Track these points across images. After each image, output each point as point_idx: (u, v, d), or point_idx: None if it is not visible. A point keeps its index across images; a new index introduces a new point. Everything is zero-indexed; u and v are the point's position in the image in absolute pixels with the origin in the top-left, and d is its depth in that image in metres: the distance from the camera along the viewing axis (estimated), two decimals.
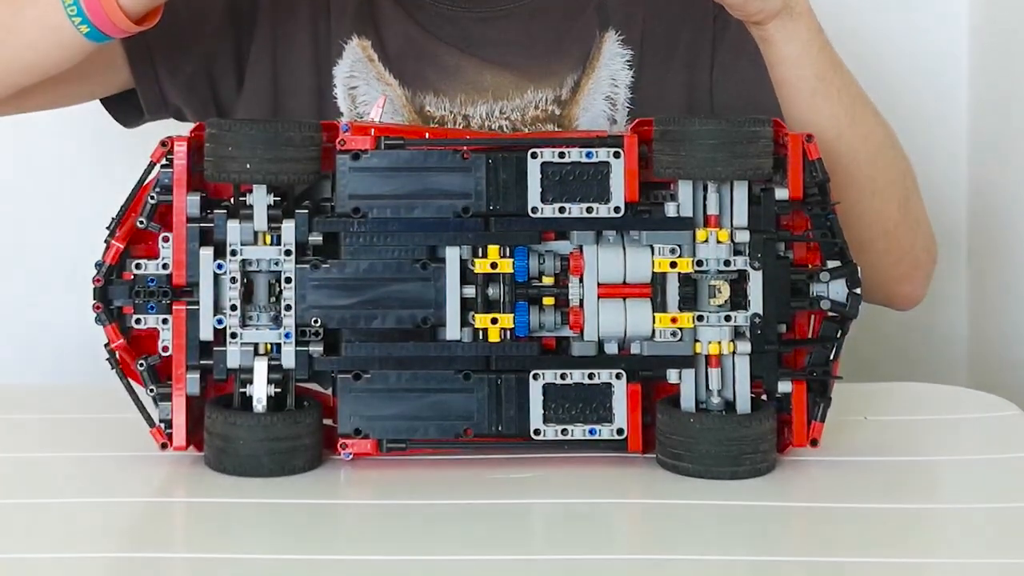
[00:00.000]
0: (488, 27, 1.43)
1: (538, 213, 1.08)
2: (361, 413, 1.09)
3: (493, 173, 1.09)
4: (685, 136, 1.06)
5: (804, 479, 1.08)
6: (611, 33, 1.42)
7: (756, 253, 1.08)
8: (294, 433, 1.07)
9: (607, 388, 1.09)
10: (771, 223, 1.09)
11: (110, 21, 1.20)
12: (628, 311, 1.08)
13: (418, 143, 1.10)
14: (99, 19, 1.20)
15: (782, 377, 1.09)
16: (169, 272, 1.09)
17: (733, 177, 1.07)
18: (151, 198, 1.09)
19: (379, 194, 1.08)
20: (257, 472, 1.06)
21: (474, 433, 1.09)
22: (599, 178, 1.08)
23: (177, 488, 1.07)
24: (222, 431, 1.07)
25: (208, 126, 1.08)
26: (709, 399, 1.09)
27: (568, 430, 1.09)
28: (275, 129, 1.06)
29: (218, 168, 1.07)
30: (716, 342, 1.08)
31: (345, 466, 1.10)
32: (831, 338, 1.10)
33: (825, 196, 1.09)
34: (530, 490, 1.06)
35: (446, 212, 1.09)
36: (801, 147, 1.09)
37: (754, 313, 1.09)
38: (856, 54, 1.66)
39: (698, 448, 1.06)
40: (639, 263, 1.08)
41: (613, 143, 1.09)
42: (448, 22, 1.43)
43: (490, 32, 1.42)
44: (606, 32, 1.43)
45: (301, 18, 1.42)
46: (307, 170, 1.07)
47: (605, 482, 1.07)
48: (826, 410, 1.09)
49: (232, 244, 1.08)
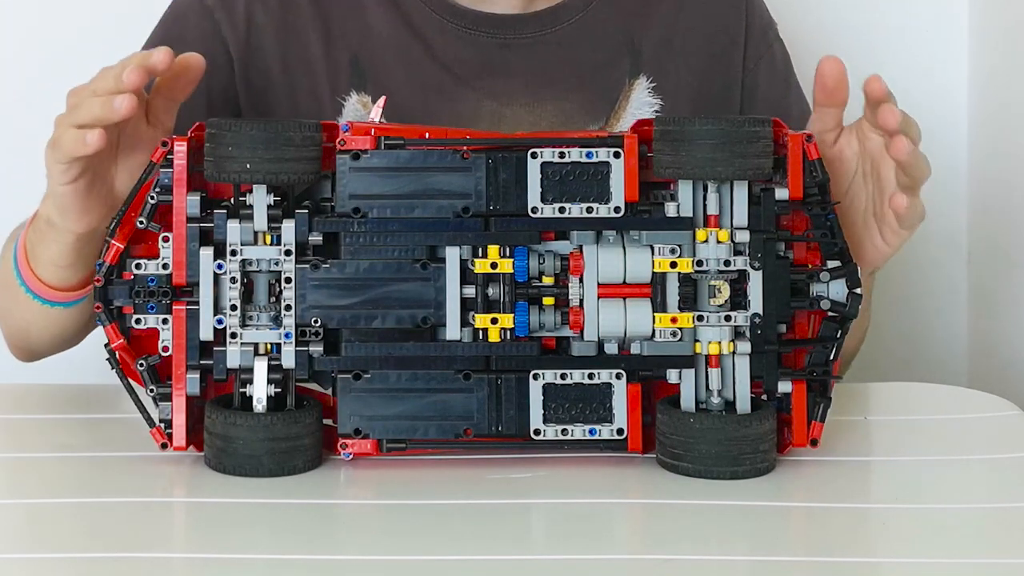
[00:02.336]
0: (511, 54, 1.39)
1: (538, 213, 1.08)
2: (361, 413, 1.09)
3: (493, 173, 1.08)
4: (685, 136, 1.06)
5: (804, 479, 1.08)
6: (642, 80, 1.40)
7: (756, 253, 1.08)
8: (294, 433, 1.07)
9: (607, 388, 1.09)
10: (771, 223, 1.08)
11: (51, 292, 1.23)
12: (628, 311, 1.08)
13: (418, 143, 1.10)
14: (44, 293, 1.24)
15: (782, 377, 1.09)
16: (169, 272, 1.09)
17: (733, 177, 1.06)
18: (151, 198, 1.09)
19: (379, 194, 1.08)
20: (257, 472, 1.06)
21: (474, 433, 1.09)
22: (599, 178, 1.08)
23: (177, 488, 1.07)
24: (222, 431, 1.07)
25: (208, 126, 1.08)
26: (709, 399, 1.09)
27: (568, 430, 1.09)
28: (275, 129, 1.06)
29: (218, 168, 1.07)
30: (716, 342, 1.08)
31: (345, 466, 1.09)
32: (831, 338, 1.09)
33: (825, 196, 1.09)
34: (530, 490, 1.05)
35: (446, 212, 1.08)
36: (801, 147, 1.08)
37: (754, 313, 1.08)
38: (857, 54, 1.67)
39: (698, 448, 1.06)
40: (639, 263, 1.08)
41: (613, 143, 1.09)
42: (469, 46, 1.39)
43: (513, 60, 1.39)
44: (636, 79, 1.40)
45: (283, 107, 1.39)
46: (307, 170, 1.07)
47: (605, 482, 1.07)
48: (826, 410, 1.09)
49: (232, 244, 1.08)
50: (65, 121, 1.12)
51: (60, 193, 1.15)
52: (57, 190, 1.15)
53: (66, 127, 1.11)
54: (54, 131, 1.13)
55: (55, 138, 1.13)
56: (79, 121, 1.10)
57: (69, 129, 1.11)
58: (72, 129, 1.10)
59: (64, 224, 1.17)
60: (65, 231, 1.18)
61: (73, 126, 1.11)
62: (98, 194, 1.16)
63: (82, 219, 1.16)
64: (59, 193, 1.15)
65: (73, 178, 1.13)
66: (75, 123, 1.10)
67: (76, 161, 1.12)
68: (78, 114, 1.11)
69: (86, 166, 1.13)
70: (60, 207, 1.16)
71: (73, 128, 1.10)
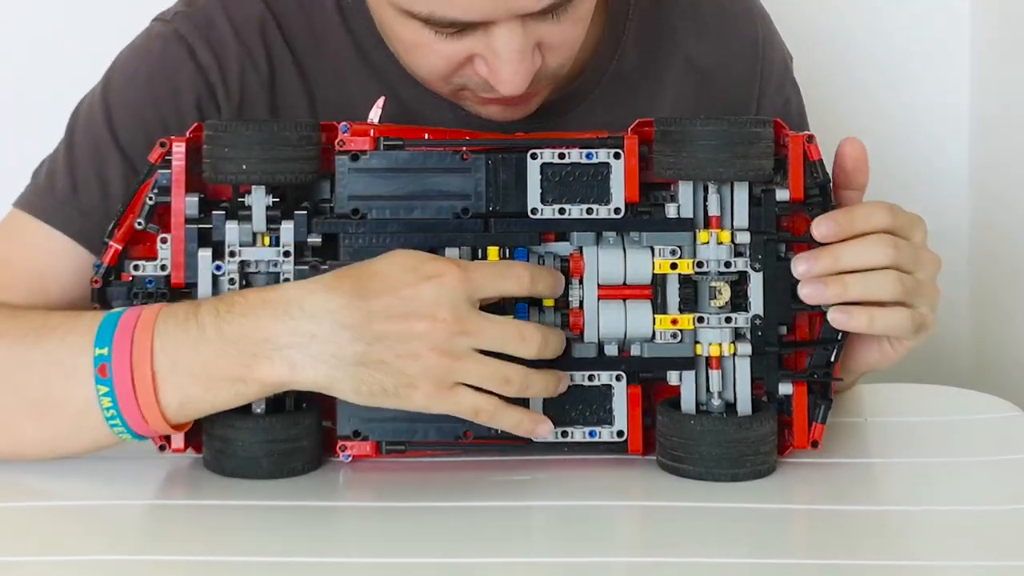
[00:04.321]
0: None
1: (538, 214, 1.08)
2: (360, 415, 1.08)
3: (493, 174, 1.08)
4: (686, 137, 1.05)
5: (805, 481, 1.07)
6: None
7: (757, 254, 1.07)
8: (293, 435, 1.06)
9: (607, 390, 1.08)
10: (772, 224, 1.08)
11: (150, 430, 1.04)
12: (628, 312, 1.08)
13: (417, 144, 1.09)
14: (141, 428, 1.04)
15: (783, 379, 1.09)
16: (167, 273, 1.08)
17: (734, 178, 1.06)
18: (149, 199, 1.08)
19: (378, 195, 1.08)
20: (256, 474, 1.06)
21: (474, 435, 1.08)
22: (599, 179, 1.08)
23: (176, 490, 1.07)
24: (221, 433, 1.06)
25: (205, 127, 1.07)
26: (709, 401, 1.08)
27: (568, 432, 1.08)
28: (271, 129, 1.06)
29: (216, 169, 1.06)
30: (717, 343, 1.08)
31: (344, 468, 1.09)
32: (832, 340, 1.08)
33: (826, 197, 1.08)
34: (530, 492, 1.05)
35: (445, 213, 1.08)
36: (802, 148, 1.08)
37: (755, 315, 1.08)
38: (858, 54, 1.67)
39: (699, 450, 1.06)
40: (639, 264, 1.08)
41: (613, 144, 1.08)
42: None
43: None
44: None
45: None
46: (304, 170, 1.07)
47: (605, 484, 1.06)
48: (827, 412, 1.08)
49: (231, 245, 1.08)
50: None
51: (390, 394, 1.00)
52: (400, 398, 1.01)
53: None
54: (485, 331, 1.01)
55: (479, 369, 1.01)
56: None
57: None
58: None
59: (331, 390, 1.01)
60: (281, 387, 1.01)
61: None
62: None
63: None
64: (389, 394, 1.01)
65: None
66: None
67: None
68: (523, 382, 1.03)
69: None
70: (355, 391, 1.01)
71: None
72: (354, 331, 1.00)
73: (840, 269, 1.06)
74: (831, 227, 1.06)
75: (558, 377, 1.05)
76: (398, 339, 1.00)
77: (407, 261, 1.01)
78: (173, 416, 1.03)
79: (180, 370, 1.02)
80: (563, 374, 1.05)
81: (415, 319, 1.00)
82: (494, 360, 1.01)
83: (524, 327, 1.02)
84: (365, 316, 0.99)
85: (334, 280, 1.02)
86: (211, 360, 1.02)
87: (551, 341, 1.03)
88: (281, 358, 1.01)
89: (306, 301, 1.00)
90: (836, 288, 1.05)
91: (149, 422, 1.03)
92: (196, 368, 1.02)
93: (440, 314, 0.99)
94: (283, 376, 1.01)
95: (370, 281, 1.01)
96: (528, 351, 1.02)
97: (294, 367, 1.01)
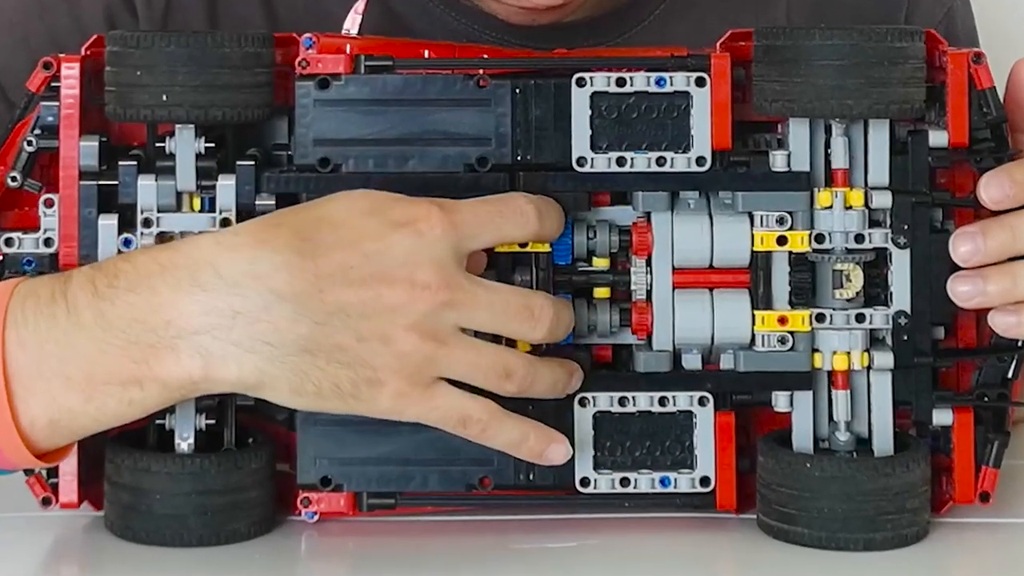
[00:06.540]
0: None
1: (586, 166, 0.94)
2: (331, 455, 0.94)
3: (522, 108, 0.94)
4: (800, 55, 0.91)
5: (969, 549, 0.94)
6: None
7: (902, 224, 0.93)
8: (234, 484, 0.92)
9: (686, 419, 0.94)
10: (923, 181, 0.93)
11: (7, 461, 0.89)
12: (716, 308, 0.93)
13: (414, 65, 0.95)
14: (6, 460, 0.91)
15: (939, 403, 0.95)
16: (54, 250, 0.94)
17: (869, 114, 0.91)
18: (28, 144, 0.94)
19: (357, 138, 0.94)
20: (181, 540, 0.92)
21: (494, 484, 0.95)
22: (675, 116, 0.94)
23: (66, 565, 0.93)
24: (130, 481, 0.92)
25: (109, 41, 0.92)
26: (834, 435, 0.94)
27: (630, 479, 0.94)
28: (203, 43, 0.92)
29: (124, 101, 0.92)
30: (844, 352, 0.93)
31: (307, 531, 0.95)
32: (1010, 347, 0.94)
33: (1001, 142, 0.93)
34: (573, 567, 0.91)
35: (455, 165, 0.94)
36: (967, 71, 0.93)
37: (899, 311, 0.93)
38: None
39: (818, 506, 0.92)
40: (732, 239, 0.93)
41: (695, 65, 0.93)
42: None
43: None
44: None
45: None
46: (252, 103, 0.93)
47: (683, 555, 0.93)
48: (1002, 451, 0.94)
49: (145, 210, 0.93)
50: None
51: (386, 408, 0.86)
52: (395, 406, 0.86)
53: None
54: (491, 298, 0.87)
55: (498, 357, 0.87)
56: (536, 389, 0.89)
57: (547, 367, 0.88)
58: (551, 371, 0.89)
59: (267, 395, 0.87)
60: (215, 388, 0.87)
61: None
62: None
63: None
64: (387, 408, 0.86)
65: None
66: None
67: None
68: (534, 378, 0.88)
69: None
70: (314, 395, 0.86)
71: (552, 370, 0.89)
72: (297, 304, 0.84)
73: (1018, 251, 0.92)
74: (1007, 187, 0.92)
75: (569, 370, 0.91)
76: (361, 314, 0.85)
77: (368, 203, 0.86)
78: (40, 439, 0.87)
79: (47, 373, 0.87)
80: (575, 365, 0.92)
81: (385, 284, 0.85)
82: (489, 344, 0.88)
83: (531, 296, 0.88)
84: (312, 282, 0.84)
85: (264, 229, 0.86)
86: (90, 356, 0.87)
87: (563, 318, 0.90)
88: (190, 348, 0.85)
89: (224, 263, 0.85)
90: (1001, 282, 0.92)
91: (4, 450, 0.87)
92: (70, 369, 0.87)
93: (420, 276, 0.85)
94: (194, 373, 0.85)
95: (317, 231, 0.85)
96: (538, 331, 0.88)
97: (209, 360, 0.85)
